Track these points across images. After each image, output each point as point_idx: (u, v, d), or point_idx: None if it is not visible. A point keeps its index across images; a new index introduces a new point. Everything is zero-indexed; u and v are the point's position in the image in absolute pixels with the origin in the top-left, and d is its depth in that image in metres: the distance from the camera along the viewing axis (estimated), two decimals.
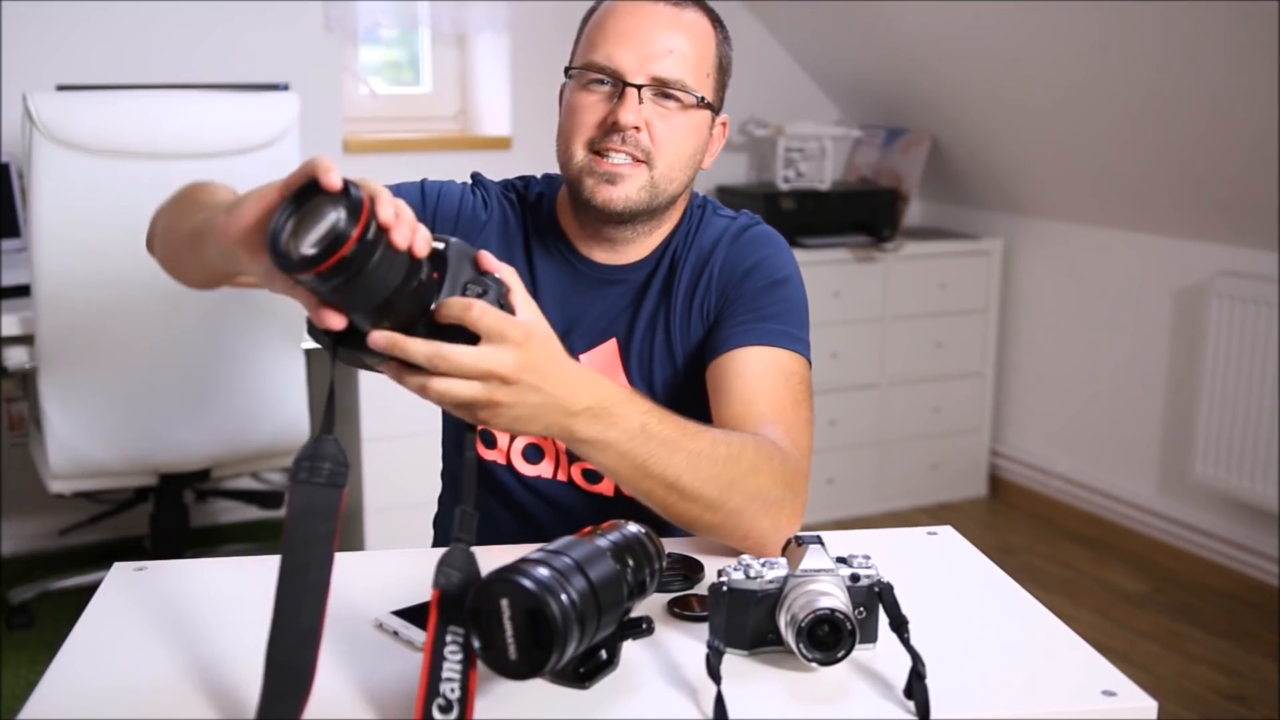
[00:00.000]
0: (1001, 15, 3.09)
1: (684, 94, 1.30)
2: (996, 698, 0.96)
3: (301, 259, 0.86)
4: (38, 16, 2.97)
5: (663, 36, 1.30)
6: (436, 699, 0.87)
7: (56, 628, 2.66)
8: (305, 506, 0.89)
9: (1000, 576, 1.20)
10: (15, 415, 3.07)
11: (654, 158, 1.31)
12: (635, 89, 1.29)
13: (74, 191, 2.20)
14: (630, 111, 1.28)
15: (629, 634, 0.96)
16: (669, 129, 1.31)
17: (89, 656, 0.99)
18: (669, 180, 1.33)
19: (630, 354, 1.39)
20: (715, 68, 1.35)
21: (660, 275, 1.40)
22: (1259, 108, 2.70)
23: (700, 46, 1.32)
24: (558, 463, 1.40)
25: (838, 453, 3.59)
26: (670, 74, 1.30)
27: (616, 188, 1.30)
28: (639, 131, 1.29)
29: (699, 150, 1.36)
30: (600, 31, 1.32)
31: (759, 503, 1.15)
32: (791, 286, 1.38)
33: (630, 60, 1.29)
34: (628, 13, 1.31)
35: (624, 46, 1.29)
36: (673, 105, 1.31)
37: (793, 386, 1.31)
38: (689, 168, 1.35)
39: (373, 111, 3.52)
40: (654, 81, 1.30)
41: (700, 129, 1.35)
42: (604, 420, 1.03)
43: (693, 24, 1.32)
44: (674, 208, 1.39)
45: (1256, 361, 3.01)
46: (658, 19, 1.30)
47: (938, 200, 4.04)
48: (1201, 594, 3.15)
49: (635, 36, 1.29)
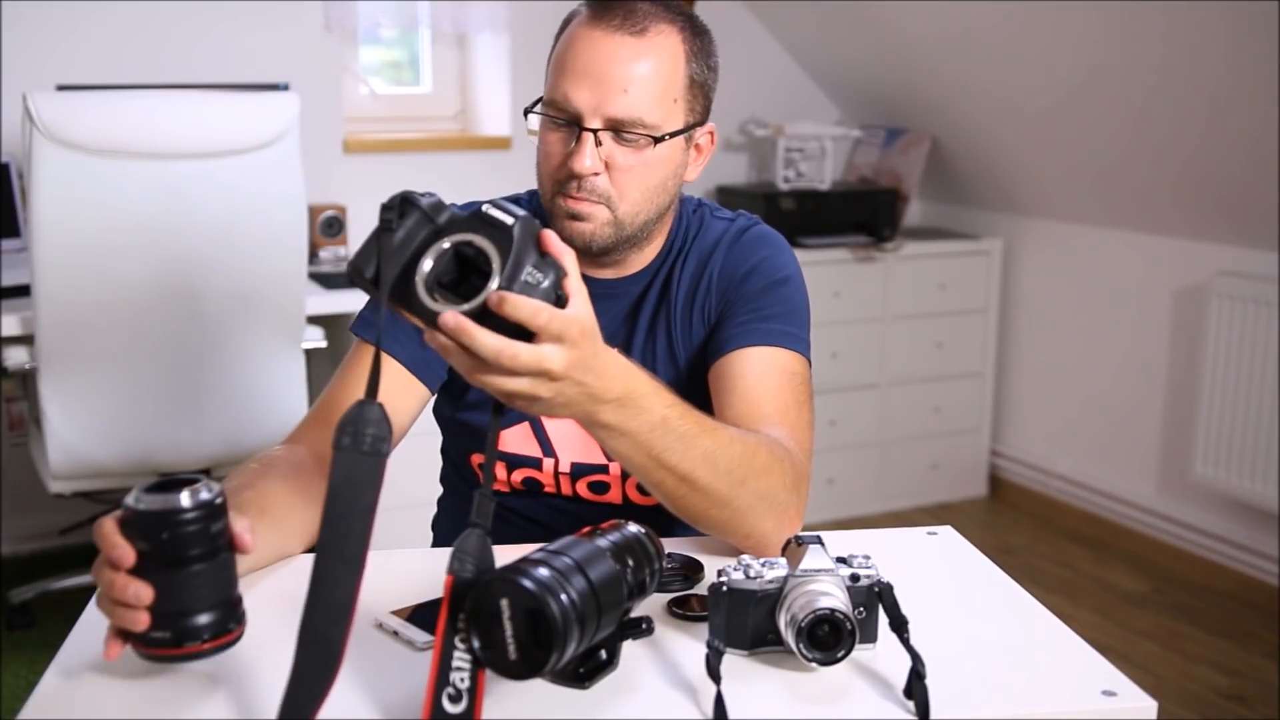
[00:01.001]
0: (1002, 15, 3.09)
1: (642, 135, 1.26)
2: (996, 698, 0.96)
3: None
4: (38, 16, 2.97)
5: (620, 72, 1.24)
6: (446, 688, 0.87)
7: (56, 628, 2.65)
8: (347, 476, 0.88)
9: (1000, 576, 1.20)
10: (15, 415, 3.07)
11: (614, 201, 1.28)
12: (591, 133, 1.26)
13: (74, 191, 2.20)
14: (586, 158, 1.25)
15: (629, 634, 0.96)
16: (629, 170, 1.28)
17: (89, 656, 0.99)
18: (635, 215, 1.30)
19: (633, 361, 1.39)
20: (686, 87, 1.29)
21: (658, 282, 1.40)
22: (1259, 108, 2.70)
23: (664, 71, 1.26)
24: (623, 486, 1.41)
25: (838, 453, 3.59)
26: (628, 114, 1.25)
27: (584, 223, 1.29)
28: (597, 176, 1.27)
29: (670, 176, 1.32)
30: (559, 66, 1.28)
31: (766, 503, 1.15)
32: (792, 286, 1.38)
33: (586, 101, 1.25)
34: (585, 46, 1.26)
35: (580, 86, 1.25)
36: (635, 144, 1.27)
37: (795, 387, 1.31)
38: (659, 195, 1.32)
39: (373, 111, 3.52)
40: (610, 124, 1.26)
41: (669, 158, 1.30)
42: (629, 409, 1.03)
43: (656, 48, 1.26)
44: (660, 225, 1.37)
45: (1256, 361, 3.01)
46: (615, 52, 1.24)
47: (938, 200, 4.04)
48: (1201, 594, 3.15)
49: (591, 75, 1.25)
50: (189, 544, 0.91)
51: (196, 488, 0.92)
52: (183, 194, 2.28)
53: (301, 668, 0.86)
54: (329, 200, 3.21)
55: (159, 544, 0.91)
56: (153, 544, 0.91)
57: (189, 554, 0.91)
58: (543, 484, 1.41)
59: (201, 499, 0.92)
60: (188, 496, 0.92)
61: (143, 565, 0.92)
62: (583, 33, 1.27)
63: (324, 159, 3.27)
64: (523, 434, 1.39)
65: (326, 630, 0.87)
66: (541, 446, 1.39)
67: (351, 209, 3.22)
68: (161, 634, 0.92)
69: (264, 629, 0.99)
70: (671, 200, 1.36)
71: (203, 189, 2.29)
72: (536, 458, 1.39)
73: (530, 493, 1.42)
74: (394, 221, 0.93)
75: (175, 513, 0.91)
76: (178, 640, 0.92)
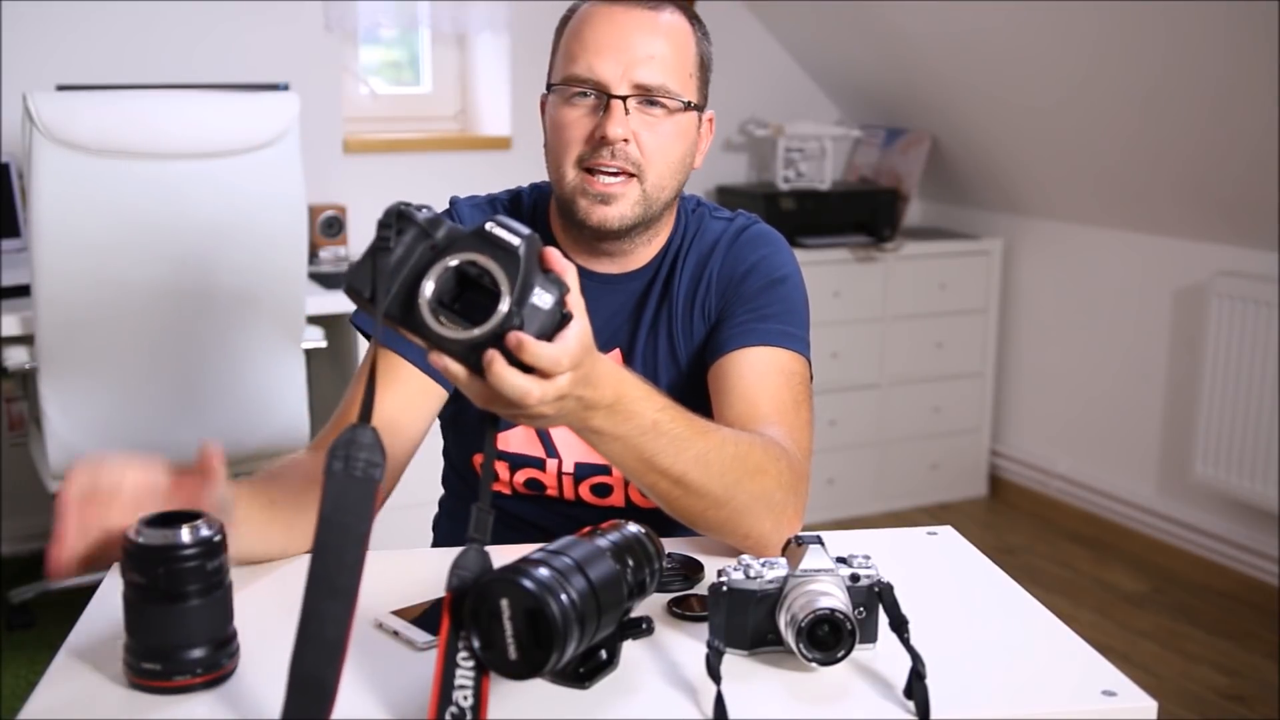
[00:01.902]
0: (1002, 15, 3.09)
1: (669, 100, 1.29)
2: (996, 698, 0.96)
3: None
4: (38, 16, 2.97)
5: (642, 42, 1.27)
6: (449, 707, 0.86)
7: (56, 628, 2.65)
8: (338, 503, 0.85)
9: (1000, 576, 1.20)
10: (15, 415, 3.07)
11: (644, 170, 1.29)
12: (620, 100, 1.27)
13: (74, 191, 2.20)
14: (618, 124, 1.26)
15: (629, 634, 0.96)
16: (657, 137, 1.29)
17: (89, 656, 0.99)
18: (661, 189, 1.31)
19: (634, 362, 1.39)
20: (697, 67, 1.33)
21: (659, 281, 1.40)
22: (1259, 108, 2.70)
23: (680, 47, 1.30)
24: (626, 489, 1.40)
25: (838, 453, 3.59)
26: (654, 80, 1.27)
27: (611, 207, 1.29)
28: (627, 144, 1.27)
29: (688, 153, 1.34)
30: (578, 42, 1.29)
31: (763, 503, 1.15)
32: (791, 285, 1.38)
33: (612, 70, 1.27)
34: (604, 20, 1.29)
35: (604, 56, 1.27)
36: (659, 112, 1.29)
37: (794, 387, 1.31)
38: (679, 173, 1.34)
39: (373, 111, 3.52)
40: (638, 90, 1.27)
41: (688, 132, 1.33)
42: (619, 415, 1.03)
43: (670, 25, 1.30)
44: (669, 212, 1.38)
45: (1256, 361, 3.01)
46: (635, 25, 1.28)
47: (938, 200, 4.04)
48: (1201, 594, 3.15)
49: (614, 45, 1.27)
50: (186, 580, 0.91)
51: (196, 524, 0.93)
52: (183, 194, 2.28)
53: (292, 708, 0.84)
54: (329, 200, 3.22)
55: (155, 578, 0.91)
56: (149, 578, 0.91)
57: (185, 590, 0.91)
58: (546, 485, 1.40)
59: (201, 536, 0.92)
60: (187, 533, 0.92)
61: (138, 598, 0.92)
62: (599, 10, 1.30)
63: (324, 159, 3.27)
64: (525, 434, 1.39)
65: (318, 671, 0.84)
66: (545, 447, 1.39)
67: (351, 209, 3.22)
68: (153, 665, 0.92)
69: (266, 626, 0.99)
70: (685, 181, 1.37)
71: (203, 189, 2.29)
72: (540, 458, 1.39)
73: (533, 499, 1.42)
74: (391, 239, 0.90)
75: (174, 549, 0.91)
76: (169, 673, 0.92)
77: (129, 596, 0.92)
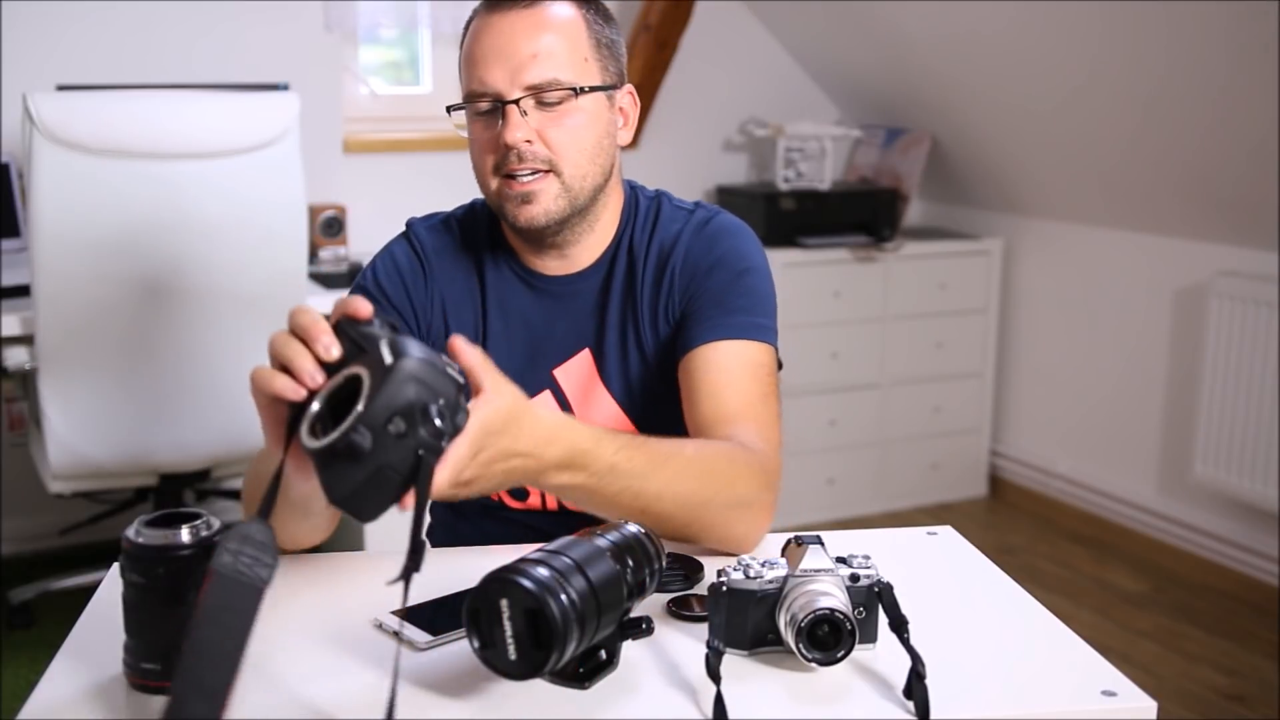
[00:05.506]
0: (1003, 16, 3.09)
1: (562, 91, 1.29)
2: (996, 698, 0.96)
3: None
4: (38, 16, 2.97)
5: (526, 43, 1.28)
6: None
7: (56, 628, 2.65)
8: (222, 598, 0.80)
9: (1000, 576, 1.20)
10: (15, 415, 3.07)
11: (558, 163, 1.30)
12: (514, 104, 1.28)
13: (74, 191, 2.20)
14: (515, 129, 1.28)
15: (629, 634, 0.96)
16: (563, 130, 1.30)
17: (89, 656, 0.99)
18: (582, 178, 1.32)
19: (605, 361, 1.39)
20: (594, 47, 1.33)
21: (619, 276, 1.40)
22: (1260, 108, 2.70)
23: (570, 36, 1.30)
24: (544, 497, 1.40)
25: (838, 453, 3.59)
26: (543, 77, 1.28)
27: (534, 205, 1.31)
28: (531, 144, 1.29)
29: (605, 134, 1.34)
30: (468, 59, 1.32)
31: (735, 510, 1.18)
32: (756, 275, 1.38)
33: (501, 78, 1.29)
34: (487, 30, 1.30)
35: (491, 66, 1.29)
36: (558, 106, 1.30)
37: (761, 380, 1.32)
38: (599, 157, 1.33)
39: (373, 111, 3.52)
40: (529, 90, 1.29)
41: (598, 115, 1.33)
42: (574, 468, 1.05)
43: (554, 18, 1.30)
44: (607, 198, 1.38)
45: (1256, 361, 3.01)
46: (516, 27, 1.29)
47: (938, 200, 4.04)
48: (1201, 594, 3.15)
49: (500, 52, 1.29)
50: (186, 580, 0.91)
51: (197, 525, 0.92)
52: (183, 194, 2.28)
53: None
54: (329, 200, 3.21)
55: (155, 578, 0.91)
56: (149, 578, 0.91)
57: (185, 590, 0.91)
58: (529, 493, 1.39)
59: (201, 536, 0.92)
60: (188, 533, 0.92)
61: (138, 598, 0.92)
62: (483, 23, 1.32)
63: (324, 159, 3.27)
64: None
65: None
66: None
67: (351, 209, 3.22)
68: (153, 665, 0.92)
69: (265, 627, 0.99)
70: (611, 164, 1.36)
71: (203, 189, 2.29)
72: None
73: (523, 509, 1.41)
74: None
75: (174, 549, 0.91)
76: (169, 673, 0.91)
77: (129, 596, 0.92)
